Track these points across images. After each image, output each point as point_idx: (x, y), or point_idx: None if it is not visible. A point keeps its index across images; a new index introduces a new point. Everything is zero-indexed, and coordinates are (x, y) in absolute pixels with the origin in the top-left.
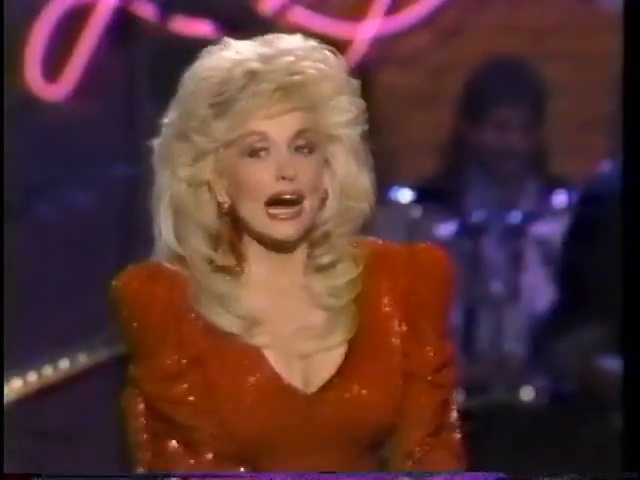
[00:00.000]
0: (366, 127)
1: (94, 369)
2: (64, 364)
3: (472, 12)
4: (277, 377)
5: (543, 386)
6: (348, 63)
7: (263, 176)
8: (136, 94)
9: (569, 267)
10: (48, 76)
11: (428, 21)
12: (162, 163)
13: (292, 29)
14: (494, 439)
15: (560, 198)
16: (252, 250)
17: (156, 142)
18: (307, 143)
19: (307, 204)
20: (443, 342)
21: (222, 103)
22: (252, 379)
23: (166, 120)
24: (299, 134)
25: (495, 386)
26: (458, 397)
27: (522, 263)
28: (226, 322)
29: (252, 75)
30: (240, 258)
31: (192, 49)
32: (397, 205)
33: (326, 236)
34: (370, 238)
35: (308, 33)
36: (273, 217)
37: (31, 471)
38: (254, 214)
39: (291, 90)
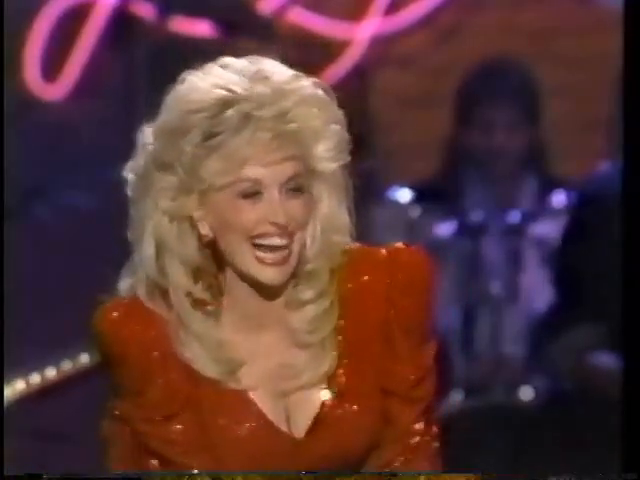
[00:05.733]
0: (349, 159)
1: (95, 370)
2: (66, 365)
3: (471, 12)
4: (264, 417)
5: (542, 386)
6: (346, 64)
7: (254, 218)
8: (136, 94)
9: (568, 267)
10: (48, 76)
11: (427, 21)
12: (142, 191)
13: (291, 29)
14: (493, 439)
15: (559, 198)
16: (233, 283)
17: (133, 166)
18: (298, 185)
19: (295, 246)
20: (420, 355)
21: (215, 144)
22: (241, 421)
23: (144, 141)
24: (291, 179)
25: (494, 386)
26: (436, 406)
27: (521, 263)
28: (205, 367)
29: (247, 118)
30: (219, 292)
31: (192, 49)
32: (396, 205)
33: (310, 272)
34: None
35: (307, 33)
36: (260, 261)
37: (31, 471)
38: (240, 255)
39: (288, 138)
